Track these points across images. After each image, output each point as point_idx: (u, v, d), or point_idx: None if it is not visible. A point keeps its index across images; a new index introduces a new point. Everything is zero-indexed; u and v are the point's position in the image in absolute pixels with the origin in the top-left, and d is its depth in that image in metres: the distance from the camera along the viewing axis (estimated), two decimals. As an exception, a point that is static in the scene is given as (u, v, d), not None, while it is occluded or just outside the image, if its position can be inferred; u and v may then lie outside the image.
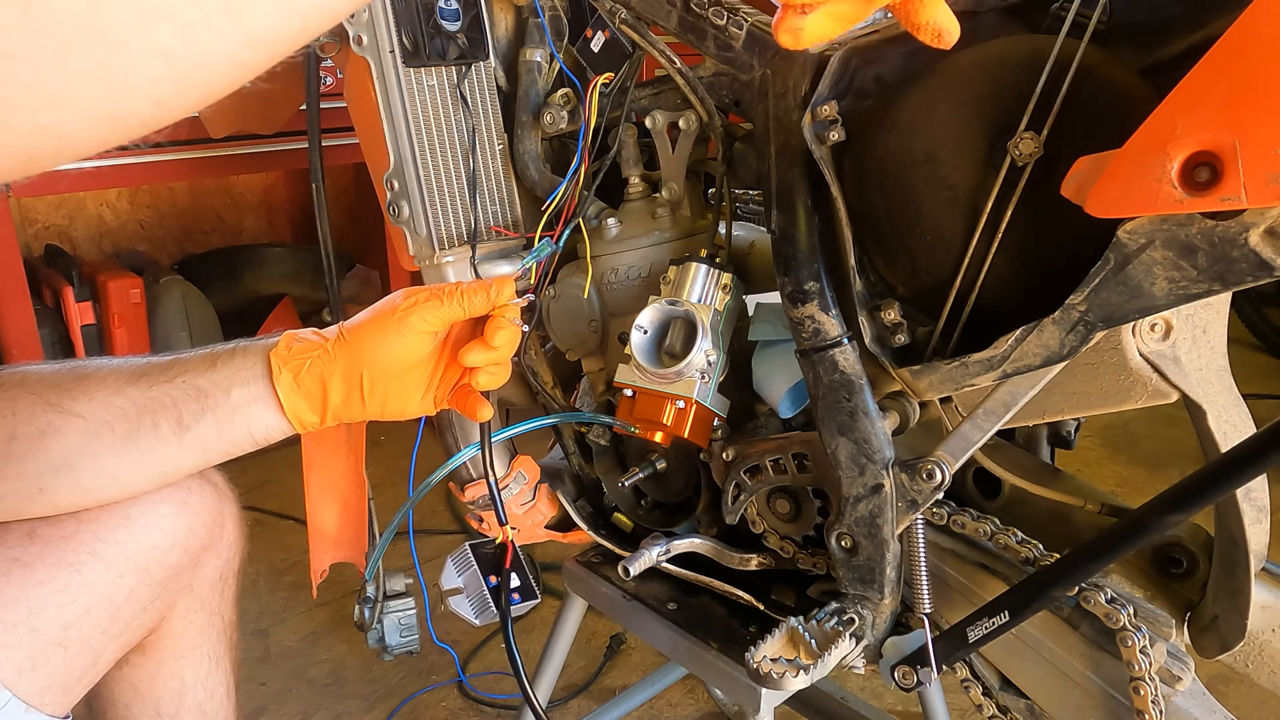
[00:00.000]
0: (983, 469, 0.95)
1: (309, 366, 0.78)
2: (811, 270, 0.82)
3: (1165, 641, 0.80)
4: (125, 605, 0.83)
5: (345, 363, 0.78)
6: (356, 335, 0.79)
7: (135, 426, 0.76)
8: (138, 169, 2.06)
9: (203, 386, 0.77)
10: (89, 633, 0.80)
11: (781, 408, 0.97)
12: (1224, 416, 0.76)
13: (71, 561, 0.79)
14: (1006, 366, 0.74)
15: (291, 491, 2.30)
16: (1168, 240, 0.63)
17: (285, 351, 0.78)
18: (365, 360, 0.78)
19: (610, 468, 1.09)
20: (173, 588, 0.88)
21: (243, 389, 0.78)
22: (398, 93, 0.98)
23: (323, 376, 0.78)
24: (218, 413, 0.77)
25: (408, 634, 1.63)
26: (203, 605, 0.94)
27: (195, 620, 0.94)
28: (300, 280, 2.66)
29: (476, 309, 0.80)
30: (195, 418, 0.77)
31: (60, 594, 0.78)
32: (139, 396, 0.76)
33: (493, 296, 0.80)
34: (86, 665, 0.82)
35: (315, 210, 1.26)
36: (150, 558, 0.83)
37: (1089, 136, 0.67)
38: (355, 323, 0.81)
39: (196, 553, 0.89)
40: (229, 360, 0.78)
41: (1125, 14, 0.71)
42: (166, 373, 0.78)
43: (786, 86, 0.83)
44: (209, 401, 0.77)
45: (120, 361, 0.79)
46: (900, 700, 1.56)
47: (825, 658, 0.84)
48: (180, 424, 0.77)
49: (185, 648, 0.94)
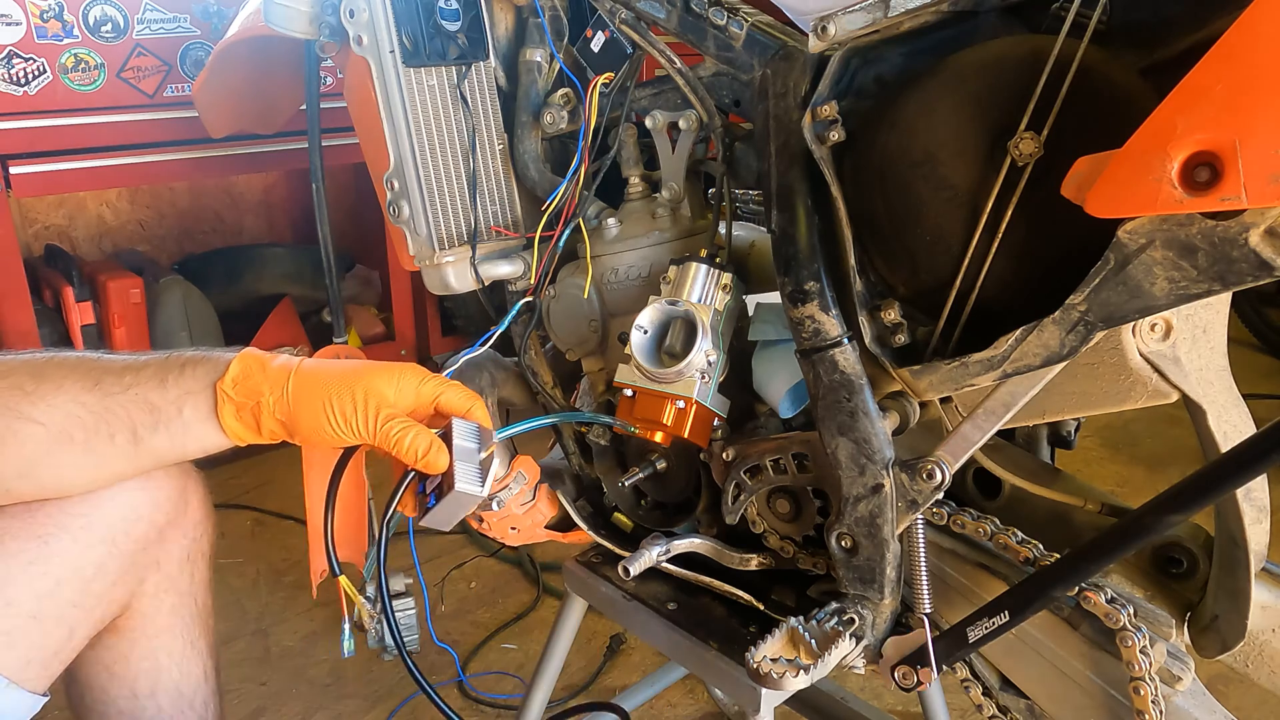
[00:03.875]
0: (983, 469, 0.95)
1: (250, 407, 0.81)
2: (811, 270, 0.82)
3: (1165, 641, 0.80)
4: (95, 578, 0.86)
5: (282, 420, 0.81)
6: (298, 404, 0.80)
7: (92, 436, 0.79)
8: (138, 169, 2.06)
9: (155, 402, 0.80)
10: (62, 606, 0.84)
11: (781, 408, 0.97)
12: (1224, 416, 0.76)
13: (39, 534, 0.82)
14: (1006, 366, 0.74)
15: (291, 491, 2.30)
16: (1168, 240, 0.63)
17: (230, 389, 0.81)
18: (296, 427, 0.81)
19: (610, 468, 1.09)
20: (141, 562, 0.91)
21: (194, 410, 0.81)
22: (398, 93, 0.98)
23: (257, 419, 0.81)
24: (170, 428, 0.80)
25: (408, 634, 1.63)
26: (173, 585, 0.96)
27: (166, 600, 0.96)
28: (300, 280, 2.66)
29: (404, 456, 0.81)
30: (149, 431, 0.80)
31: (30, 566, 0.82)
32: (95, 406, 0.79)
33: (419, 461, 0.80)
34: (62, 639, 0.85)
35: (315, 210, 1.26)
36: (116, 529, 0.87)
37: (1089, 136, 0.67)
38: (303, 386, 0.81)
39: (162, 527, 0.92)
40: (179, 379, 0.81)
41: (1125, 14, 0.71)
42: (120, 381, 0.80)
43: (786, 86, 0.83)
44: (162, 416, 0.80)
45: (74, 359, 0.82)
46: (900, 700, 1.56)
47: (825, 658, 0.84)
48: (135, 436, 0.80)
49: (157, 628, 0.96)
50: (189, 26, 2.06)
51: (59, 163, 1.95)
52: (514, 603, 1.88)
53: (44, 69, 1.89)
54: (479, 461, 0.82)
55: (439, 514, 0.82)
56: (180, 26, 2.05)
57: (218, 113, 1.47)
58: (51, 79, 1.90)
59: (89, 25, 1.93)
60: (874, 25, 0.76)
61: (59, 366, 0.80)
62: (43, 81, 1.90)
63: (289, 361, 0.83)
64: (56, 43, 1.90)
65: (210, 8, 2.08)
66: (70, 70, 1.92)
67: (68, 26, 1.90)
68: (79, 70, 1.93)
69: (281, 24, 1.03)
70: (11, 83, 1.86)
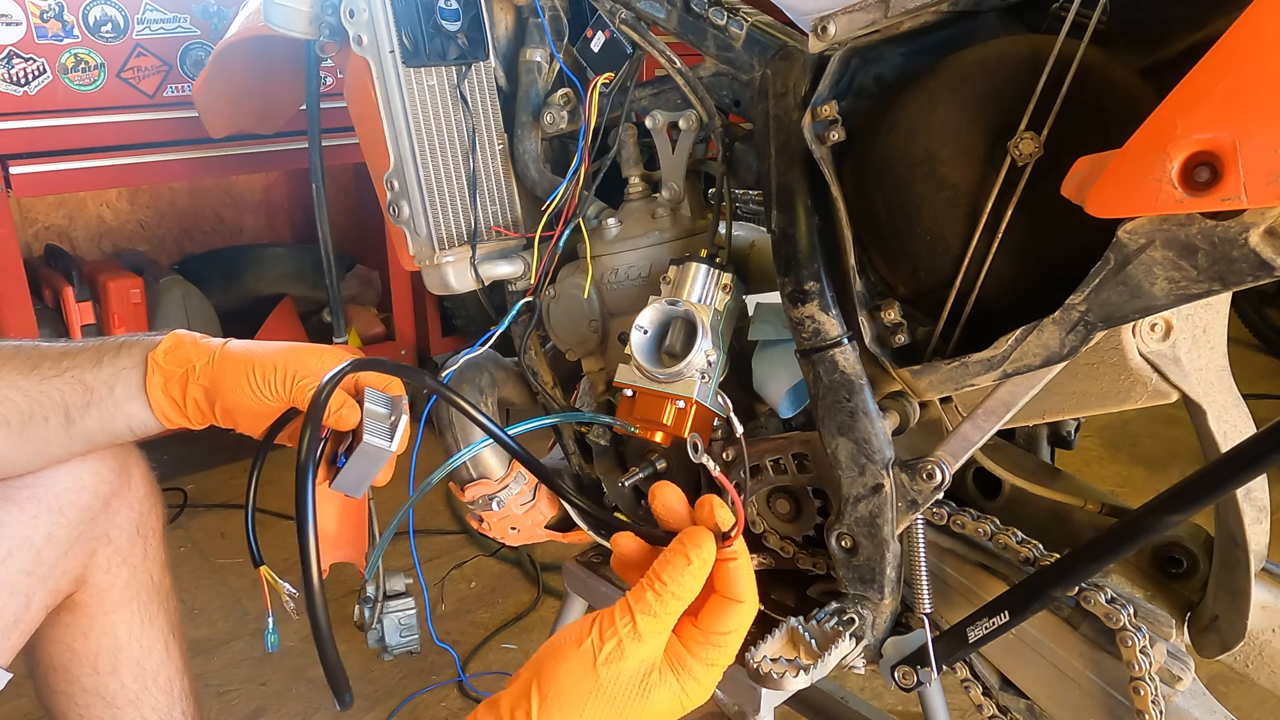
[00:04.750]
0: (983, 469, 0.95)
1: (177, 377, 0.82)
2: (811, 270, 0.82)
3: (1165, 641, 0.80)
4: (46, 547, 0.89)
5: (204, 386, 0.82)
6: (220, 367, 0.82)
7: (27, 420, 0.82)
8: (138, 169, 2.06)
9: (89, 382, 0.82)
10: (15, 575, 0.86)
11: (781, 408, 0.97)
12: (1224, 416, 0.76)
13: None
14: (1006, 366, 0.74)
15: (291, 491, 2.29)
16: (1168, 240, 0.63)
17: (161, 358, 0.82)
18: (218, 393, 0.82)
19: (610, 468, 1.09)
20: (90, 534, 0.94)
21: (125, 386, 0.82)
22: (398, 93, 0.98)
23: (184, 388, 0.82)
24: (101, 407, 0.82)
25: (408, 634, 1.63)
26: (124, 559, 0.98)
27: (119, 574, 0.98)
28: (300, 280, 2.66)
29: None
30: (81, 412, 0.82)
31: None
32: (31, 390, 0.81)
33: (331, 415, 0.80)
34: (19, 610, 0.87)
35: (315, 210, 1.26)
36: (62, 499, 0.90)
37: (1089, 136, 0.67)
38: (230, 354, 0.83)
39: (107, 497, 0.95)
40: (115, 358, 0.83)
41: (1125, 14, 0.71)
42: (58, 365, 0.82)
43: (786, 86, 0.83)
44: (94, 396, 0.82)
45: (14, 346, 0.84)
46: (900, 700, 1.56)
47: (825, 658, 0.84)
48: (67, 418, 0.82)
49: (113, 603, 0.98)
50: (189, 26, 2.06)
51: (59, 163, 1.95)
52: (514, 603, 1.88)
53: (44, 69, 1.89)
54: (389, 422, 0.83)
55: (349, 473, 0.83)
56: (180, 26, 2.05)
57: (218, 113, 1.47)
58: (51, 79, 1.90)
59: (89, 25, 1.93)
60: (874, 25, 0.76)
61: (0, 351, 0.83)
62: (43, 81, 1.90)
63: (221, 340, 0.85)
64: (56, 43, 1.90)
65: (210, 8, 2.08)
66: (70, 70, 1.92)
67: (68, 26, 1.90)
68: (79, 70, 1.93)
69: (281, 24, 1.03)
70: (11, 83, 1.86)
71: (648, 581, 0.62)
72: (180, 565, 1.98)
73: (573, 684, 0.60)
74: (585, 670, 0.60)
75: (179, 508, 2.22)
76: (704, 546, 0.63)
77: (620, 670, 0.61)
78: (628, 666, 0.61)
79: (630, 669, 0.61)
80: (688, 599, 0.63)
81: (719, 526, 0.64)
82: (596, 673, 0.60)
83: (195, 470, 2.37)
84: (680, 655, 0.63)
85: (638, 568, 0.67)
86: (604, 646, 0.61)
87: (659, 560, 0.63)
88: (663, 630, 0.62)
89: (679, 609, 0.63)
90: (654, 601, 0.61)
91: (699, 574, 0.62)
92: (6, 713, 1.50)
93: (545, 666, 0.62)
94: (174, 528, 2.14)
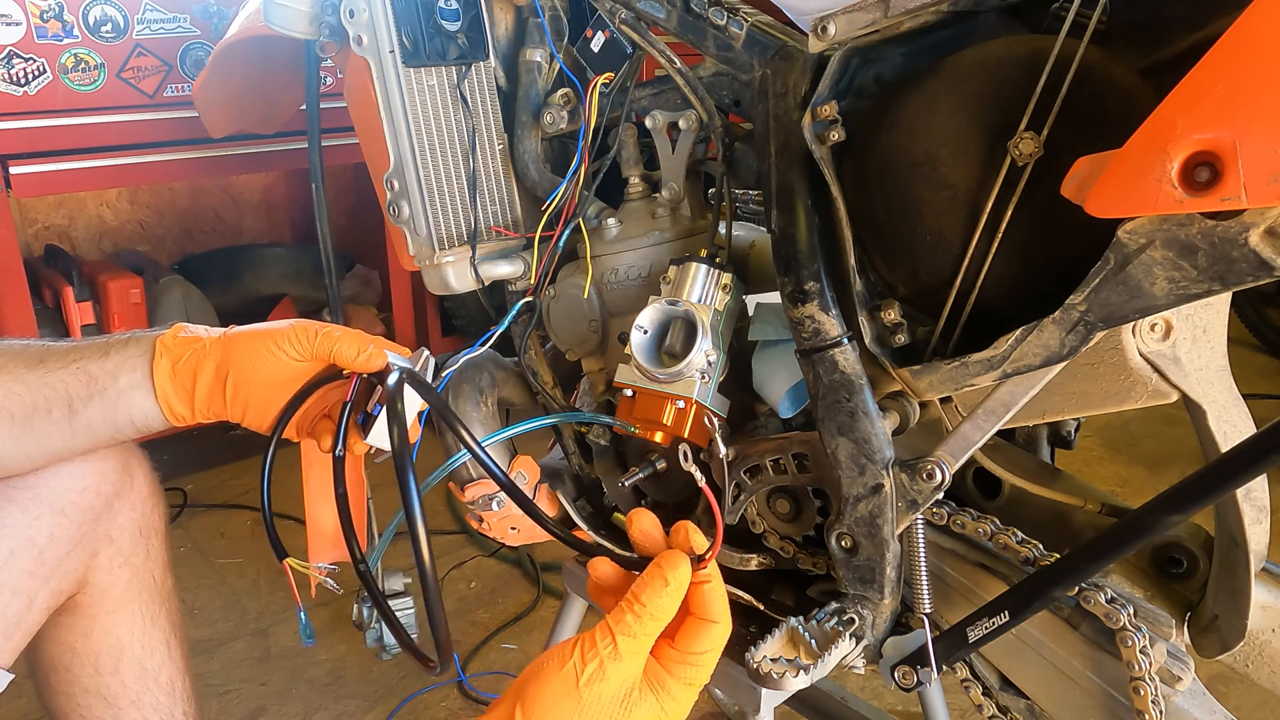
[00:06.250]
0: (983, 469, 0.95)
1: (186, 358, 0.81)
2: (811, 270, 0.82)
3: (1165, 641, 0.80)
4: (48, 548, 0.88)
5: (217, 360, 0.81)
6: (233, 339, 0.82)
7: (31, 411, 0.80)
8: (138, 169, 2.06)
9: (94, 373, 0.81)
10: (18, 575, 0.86)
11: (781, 408, 0.97)
12: (1224, 416, 0.76)
13: None
14: (1006, 366, 0.74)
15: (291, 491, 2.29)
16: (1168, 240, 0.63)
17: (170, 340, 0.81)
18: (233, 363, 0.81)
19: (610, 468, 1.09)
20: (93, 535, 0.93)
21: (129, 375, 0.81)
22: (398, 93, 0.98)
23: (195, 369, 0.81)
24: (104, 397, 0.81)
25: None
26: (126, 559, 0.98)
27: (121, 575, 0.98)
28: (300, 280, 2.66)
29: (342, 357, 0.81)
30: (84, 403, 0.81)
31: None
32: (35, 382, 0.80)
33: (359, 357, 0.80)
34: (21, 611, 0.86)
35: (315, 210, 1.26)
36: (64, 499, 0.89)
37: (1089, 136, 0.67)
38: (241, 330, 0.83)
39: (109, 497, 0.94)
40: (122, 348, 0.82)
41: (1125, 14, 0.71)
42: (64, 359, 0.81)
43: (786, 86, 0.83)
44: (98, 386, 0.81)
45: (22, 345, 0.83)
46: (900, 700, 1.56)
47: (825, 658, 0.84)
48: (70, 409, 0.80)
49: (115, 603, 0.98)
50: (189, 26, 2.06)
51: (59, 163, 1.95)
52: (514, 603, 1.88)
53: (44, 69, 1.89)
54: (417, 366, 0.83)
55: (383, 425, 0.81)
56: (180, 26, 2.05)
57: (218, 113, 1.47)
58: (51, 79, 1.90)
59: (89, 25, 1.93)
60: (874, 25, 0.76)
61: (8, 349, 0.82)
62: (43, 81, 1.90)
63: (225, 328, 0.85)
64: (56, 43, 1.90)
65: (210, 8, 2.08)
66: (70, 70, 1.92)
67: (68, 26, 1.90)
68: (79, 70, 1.93)
69: (281, 24, 1.03)
70: (11, 83, 1.86)
71: (626, 604, 0.64)
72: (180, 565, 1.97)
73: (555, 704, 0.62)
74: (569, 691, 0.62)
75: (179, 508, 2.22)
76: (680, 569, 0.64)
77: (602, 691, 0.62)
78: (609, 687, 0.62)
79: (612, 689, 0.62)
80: (665, 619, 0.64)
81: (694, 550, 0.66)
82: (579, 694, 0.62)
83: (195, 470, 2.37)
84: (659, 675, 0.65)
85: (613, 593, 0.68)
86: (586, 668, 0.62)
87: (637, 583, 0.65)
88: (641, 651, 0.64)
89: (657, 630, 0.64)
90: (633, 622, 0.63)
91: (675, 595, 0.64)
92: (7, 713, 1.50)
93: (528, 689, 0.63)
94: (174, 528, 2.15)
